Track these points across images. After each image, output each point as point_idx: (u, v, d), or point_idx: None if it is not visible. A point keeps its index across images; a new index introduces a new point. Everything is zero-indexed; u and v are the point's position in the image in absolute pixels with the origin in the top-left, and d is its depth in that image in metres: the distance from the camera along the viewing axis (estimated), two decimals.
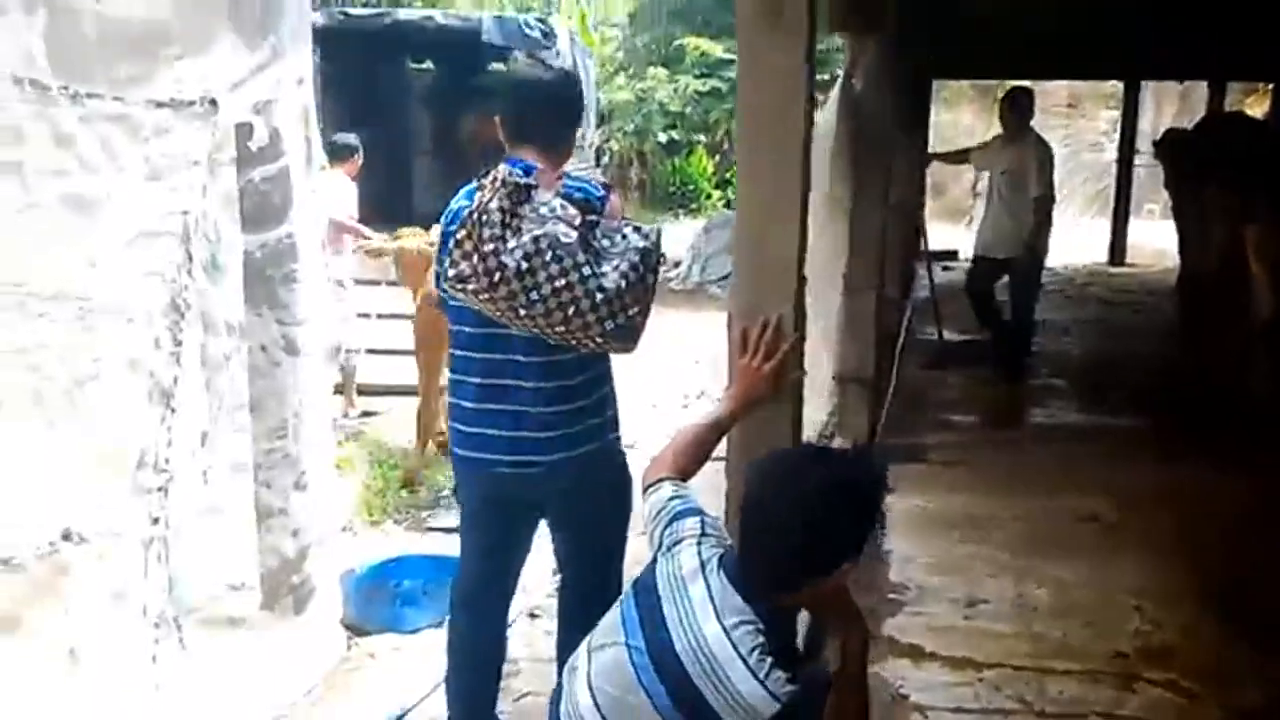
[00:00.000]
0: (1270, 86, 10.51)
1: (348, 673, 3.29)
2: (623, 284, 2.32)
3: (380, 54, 8.07)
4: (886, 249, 6.93)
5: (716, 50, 11.13)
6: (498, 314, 2.38)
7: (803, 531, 1.68)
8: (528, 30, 7.86)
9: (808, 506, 1.68)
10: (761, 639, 1.66)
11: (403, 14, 8.80)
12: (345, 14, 8.58)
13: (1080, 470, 4.88)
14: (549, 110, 2.56)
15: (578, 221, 2.35)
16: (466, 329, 2.51)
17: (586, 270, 2.31)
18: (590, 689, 1.76)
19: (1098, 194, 14.36)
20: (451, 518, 4.84)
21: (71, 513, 2.30)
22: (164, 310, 2.50)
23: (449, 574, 3.73)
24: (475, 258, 2.31)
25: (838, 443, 4.94)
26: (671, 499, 1.97)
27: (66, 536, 2.31)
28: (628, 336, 2.37)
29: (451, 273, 2.35)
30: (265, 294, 2.99)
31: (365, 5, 11.73)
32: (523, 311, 2.34)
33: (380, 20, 8.20)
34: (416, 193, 8.79)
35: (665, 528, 1.92)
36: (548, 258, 2.30)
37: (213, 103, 2.62)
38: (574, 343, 2.40)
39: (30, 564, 2.19)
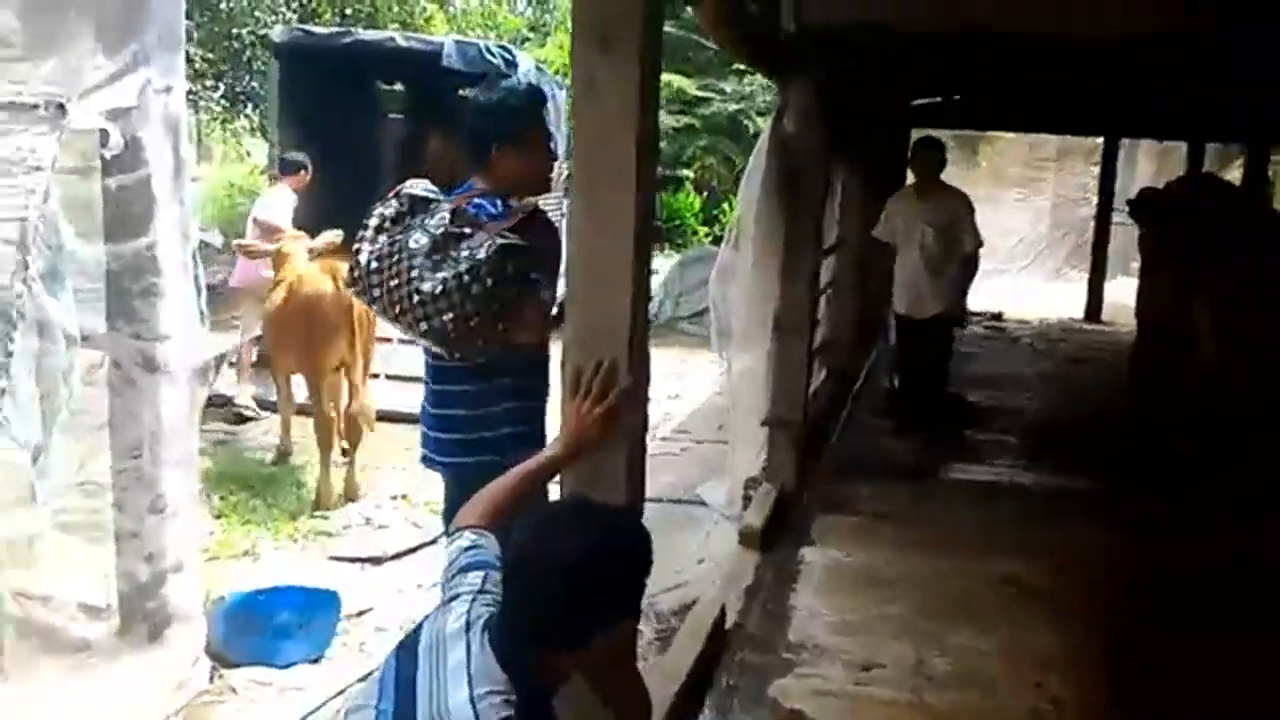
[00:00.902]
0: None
1: (204, 706, 3.15)
2: (438, 289, 2.51)
3: (342, 73, 7.97)
4: (837, 292, 6.90)
5: (691, 88, 11.08)
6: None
7: (541, 593, 1.55)
8: (489, 56, 7.73)
9: (561, 568, 1.55)
10: (509, 711, 1.51)
11: (363, 34, 8.74)
12: (306, 31, 8.49)
13: (1011, 530, 4.74)
14: (469, 132, 2.78)
15: (439, 231, 2.56)
16: None
17: (414, 274, 2.54)
18: None
19: (1077, 249, 14.30)
20: (356, 547, 4.73)
21: None
22: None
23: (327, 609, 3.64)
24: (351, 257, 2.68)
25: (764, 489, 4.82)
26: (467, 549, 1.84)
27: None
28: (439, 339, 2.59)
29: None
30: (121, 307, 2.87)
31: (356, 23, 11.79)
32: (373, 307, 2.69)
33: (339, 39, 8.09)
34: None
35: (450, 579, 1.79)
36: (393, 260, 2.58)
37: (60, 107, 2.51)
38: (421, 343, 2.67)
39: None
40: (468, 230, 2.56)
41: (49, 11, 2.46)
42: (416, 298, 2.51)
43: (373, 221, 2.63)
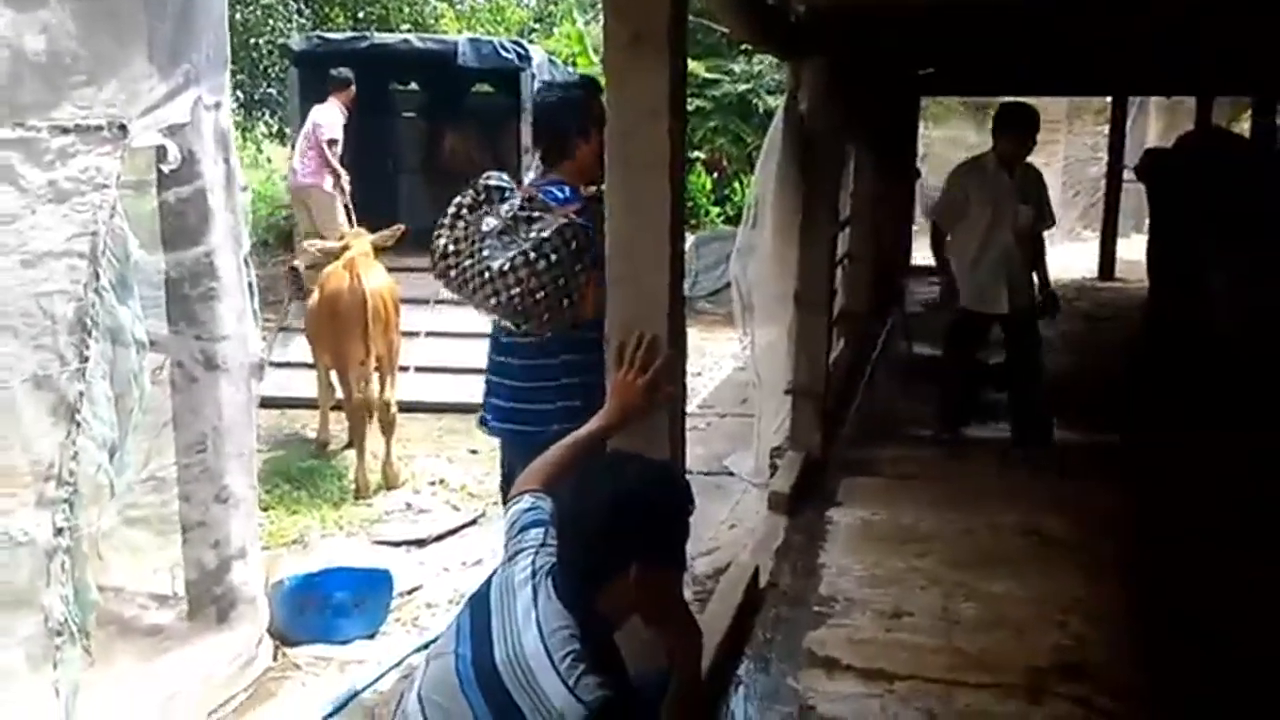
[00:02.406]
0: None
1: (272, 682, 3.35)
2: (505, 266, 2.73)
3: (360, 77, 8.17)
4: (852, 264, 7.04)
5: (700, 70, 11.21)
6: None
7: (582, 533, 1.78)
8: (503, 52, 7.91)
9: (588, 511, 1.78)
10: (576, 645, 1.70)
11: (379, 37, 8.94)
12: (323, 38, 8.70)
13: (1033, 486, 4.89)
14: (549, 130, 3.04)
15: (509, 214, 2.80)
16: None
17: (485, 253, 2.78)
18: (419, 698, 1.79)
19: (1089, 209, 14.35)
20: (400, 531, 4.93)
21: None
22: (69, 328, 2.57)
23: (380, 588, 3.84)
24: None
25: (789, 455, 4.99)
26: (527, 510, 2.03)
27: None
28: (509, 313, 2.83)
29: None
30: (182, 311, 3.06)
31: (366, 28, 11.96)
32: (452, 288, 2.89)
33: (356, 44, 8.33)
34: (401, 210, 8.89)
35: (513, 538, 1.97)
36: (468, 242, 2.83)
37: (121, 127, 2.69)
38: (493, 318, 2.94)
39: None
40: (537, 214, 2.80)
41: (107, 36, 2.63)
42: (487, 274, 2.75)
43: (451, 210, 2.88)
